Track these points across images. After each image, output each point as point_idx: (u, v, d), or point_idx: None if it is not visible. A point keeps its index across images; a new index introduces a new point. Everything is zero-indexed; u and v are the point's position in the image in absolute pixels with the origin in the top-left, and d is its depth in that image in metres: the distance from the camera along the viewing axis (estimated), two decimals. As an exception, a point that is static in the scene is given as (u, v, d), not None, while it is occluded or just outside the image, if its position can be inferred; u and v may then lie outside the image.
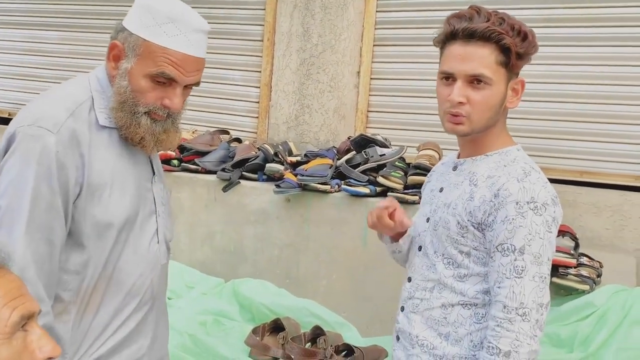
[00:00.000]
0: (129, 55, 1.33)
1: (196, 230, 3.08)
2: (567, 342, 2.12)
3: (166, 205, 1.52)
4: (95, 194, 1.32)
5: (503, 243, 1.30)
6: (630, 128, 2.73)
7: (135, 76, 1.33)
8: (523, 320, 1.27)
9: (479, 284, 1.36)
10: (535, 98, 2.86)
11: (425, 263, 1.45)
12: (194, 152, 3.18)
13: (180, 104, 1.37)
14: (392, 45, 3.19)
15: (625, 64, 2.73)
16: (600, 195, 2.72)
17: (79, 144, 1.30)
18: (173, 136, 1.42)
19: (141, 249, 1.41)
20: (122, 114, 1.34)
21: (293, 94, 3.37)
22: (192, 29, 1.34)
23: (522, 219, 1.29)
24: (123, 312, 1.41)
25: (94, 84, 1.39)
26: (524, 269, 1.28)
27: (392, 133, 3.15)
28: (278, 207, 2.88)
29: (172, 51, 1.32)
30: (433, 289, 1.42)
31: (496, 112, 1.36)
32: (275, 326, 2.51)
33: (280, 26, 3.38)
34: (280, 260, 2.88)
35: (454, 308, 1.39)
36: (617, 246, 2.67)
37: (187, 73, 1.34)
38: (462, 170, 1.42)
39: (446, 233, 1.39)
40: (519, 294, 1.27)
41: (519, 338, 1.26)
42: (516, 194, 1.30)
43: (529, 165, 1.35)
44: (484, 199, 1.33)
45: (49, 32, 4.04)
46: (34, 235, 1.25)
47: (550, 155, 2.87)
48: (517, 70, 1.38)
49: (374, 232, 2.64)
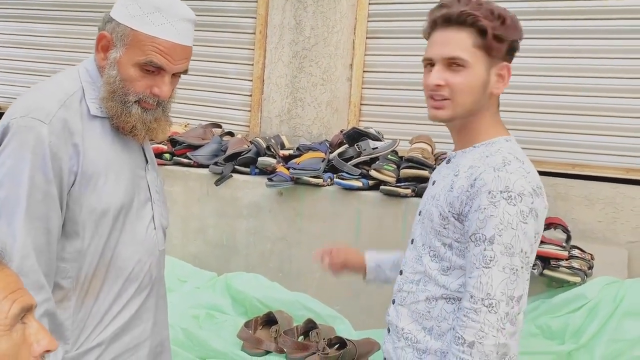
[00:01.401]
0: (118, 45, 1.36)
1: (189, 224, 3.07)
2: (559, 334, 2.13)
3: (160, 193, 1.55)
4: (89, 182, 1.35)
5: (475, 233, 1.28)
6: (622, 121, 2.73)
7: (124, 65, 1.36)
8: (489, 311, 1.24)
9: (462, 277, 1.34)
10: (527, 91, 2.85)
11: (414, 255, 1.45)
12: (186, 146, 3.16)
13: (169, 91, 1.40)
14: (385, 37, 3.18)
15: (617, 57, 2.73)
16: (592, 187, 2.72)
17: (72, 134, 1.33)
18: (164, 125, 1.44)
19: (138, 235, 1.45)
20: (113, 104, 1.37)
21: (285, 87, 3.35)
22: (178, 18, 1.36)
23: (494, 208, 1.26)
24: (122, 297, 1.44)
25: (84, 75, 1.41)
26: (492, 259, 1.25)
27: (384, 126, 3.14)
28: (270, 201, 2.87)
29: (159, 40, 1.34)
30: (419, 281, 1.42)
31: (478, 97, 1.35)
32: (268, 319, 2.51)
33: (272, 19, 3.36)
34: (272, 253, 2.88)
35: (438, 302, 1.38)
36: (609, 238, 2.68)
37: (174, 61, 1.37)
38: (453, 163, 1.42)
39: (430, 225, 1.40)
40: (485, 285, 1.25)
41: (483, 329, 1.24)
42: (490, 183, 1.28)
43: (512, 155, 1.32)
44: (462, 189, 1.33)
45: (41, 25, 4.00)
46: (32, 225, 1.28)
47: (542, 147, 2.87)
48: (498, 54, 1.36)
49: (367, 224, 2.67)
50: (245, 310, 2.67)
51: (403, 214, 2.61)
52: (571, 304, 2.17)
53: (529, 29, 2.83)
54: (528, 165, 1.33)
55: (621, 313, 2.08)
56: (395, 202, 2.63)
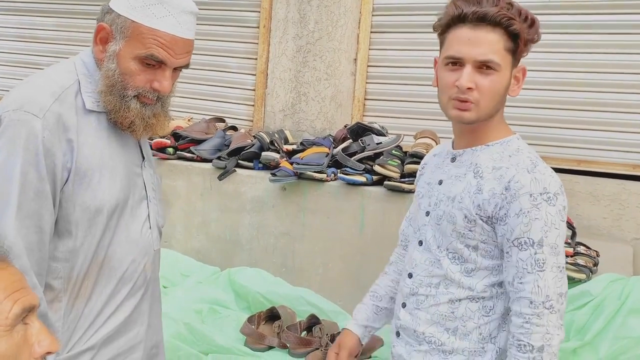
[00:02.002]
0: (117, 37, 1.31)
1: (192, 219, 3.06)
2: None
3: (157, 190, 1.50)
4: (83, 179, 1.30)
5: (520, 237, 1.28)
6: (628, 117, 2.71)
7: (124, 58, 1.31)
8: (551, 312, 1.26)
9: (487, 277, 1.35)
10: (533, 86, 2.83)
11: (428, 258, 1.42)
12: (190, 140, 3.15)
13: (170, 86, 1.35)
14: (389, 32, 3.16)
15: (623, 52, 2.71)
16: (597, 184, 2.71)
17: (66, 129, 1.28)
18: (163, 121, 1.39)
19: (133, 235, 1.40)
20: (111, 98, 1.32)
21: (289, 82, 3.34)
22: (181, 10, 1.31)
23: (537, 211, 1.27)
24: (115, 298, 1.39)
25: (80, 67, 1.36)
26: (545, 261, 1.27)
27: (389, 121, 3.13)
28: (274, 196, 2.86)
29: (161, 32, 1.29)
30: (439, 284, 1.39)
31: (501, 100, 1.35)
32: (271, 315, 2.50)
33: (276, 13, 3.34)
34: (276, 248, 2.87)
35: (462, 302, 1.37)
36: (615, 235, 2.66)
37: (176, 55, 1.32)
38: (462, 162, 1.39)
39: (452, 227, 1.36)
40: (544, 287, 1.26)
41: (549, 331, 1.26)
42: (528, 185, 1.28)
43: (533, 155, 1.34)
44: (493, 191, 1.31)
45: (45, 19, 3.99)
46: (23, 223, 1.23)
47: (548, 143, 2.85)
48: (521, 57, 1.35)
49: (371, 219, 2.66)
50: (248, 305, 2.67)
51: (407, 210, 2.59)
52: (576, 300, 2.15)
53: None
54: (548, 166, 1.35)
55: (626, 310, 2.06)
56: (399, 198, 2.62)
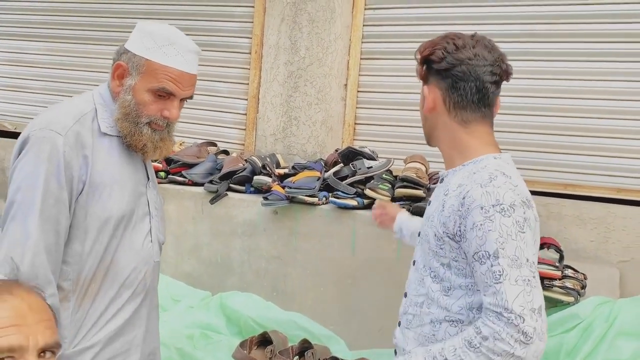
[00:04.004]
0: (133, 73, 1.54)
1: (183, 243, 3.06)
2: (553, 354, 2.13)
3: (159, 209, 1.70)
4: (95, 192, 1.49)
5: (477, 251, 1.28)
6: (613, 142, 2.78)
7: (139, 91, 1.53)
8: (508, 323, 1.21)
9: (462, 297, 1.36)
10: (520, 112, 2.90)
11: (417, 277, 1.47)
12: (181, 164, 3.17)
13: (178, 114, 1.58)
14: (379, 58, 3.22)
15: (609, 79, 2.78)
16: (584, 207, 2.76)
17: (83, 146, 1.48)
18: (168, 144, 1.62)
19: (136, 245, 1.58)
20: (127, 124, 1.54)
21: (280, 106, 3.38)
22: (187, 50, 1.55)
23: (491, 222, 1.26)
24: (117, 301, 1.56)
25: (98, 98, 1.59)
26: (502, 273, 1.23)
27: (379, 145, 3.17)
28: (266, 220, 2.88)
29: (171, 69, 1.53)
30: (423, 304, 1.43)
31: (427, 120, 1.51)
32: (263, 340, 2.50)
33: (267, 39, 3.40)
34: (267, 272, 2.88)
35: (442, 325, 1.39)
36: (601, 258, 2.70)
37: (183, 88, 1.56)
38: (445, 183, 1.45)
39: (427, 246, 1.42)
40: (501, 300, 1.22)
41: (501, 335, 1.21)
42: (480, 199, 1.28)
43: (498, 171, 1.33)
44: (452, 208, 1.34)
45: (35, 43, 4.02)
46: (44, 226, 1.41)
47: (535, 167, 2.90)
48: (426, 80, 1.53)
49: (363, 243, 2.69)
50: (240, 330, 2.66)
51: (398, 234, 2.62)
52: (565, 323, 2.18)
53: (520, 51, 2.89)
54: (515, 179, 1.34)
55: (614, 333, 2.09)
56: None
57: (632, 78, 2.73)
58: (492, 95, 1.42)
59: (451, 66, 1.40)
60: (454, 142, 1.44)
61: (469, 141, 1.42)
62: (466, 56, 1.39)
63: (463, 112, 1.42)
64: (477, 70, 1.39)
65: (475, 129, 1.42)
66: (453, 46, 1.40)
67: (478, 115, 1.42)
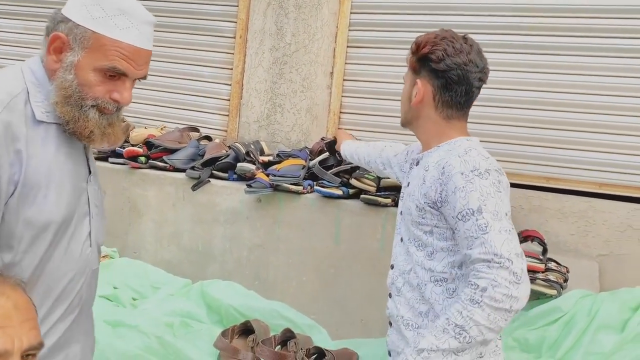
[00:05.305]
0: (75, 47, 1.26)
1: (163, 229, 3.01)
2: (536, 347, 2.15)
3: (100, 207, 1.45)
4: (30, 193, 1.24)
5: (461, 210, 1.41)
6: (595, 136, 2.80)
7: (83, 69, 1.26)
8: (500, 267, 1.33)
9: (445, 258, 1.50)
10: (503, 104, 2.90)
11: (402, 249, 1.62)
12: (162, 149, 3.10)
13: (130, 97, 1.32)
14: (365, 47, 3.19)
15: (592, 74, 2.79)
16: (566, 201, 2.78)
17: (15, 139, 1.21)
18: (118, 129, 1.37)
19: (74, 252, 1.34)
20: (69, 108, 1.27)
21: (265, 93, 3.33)
22: (142, 21, 1.29)
23: (471, 184, 1.41)
24: (50, 318, 1.33)
25: (28, 75, 1.30)
26: (487, 224, 1.37)
27: (364, 135, 3.15)
28: (249, 207, 2.84)
29: (124, 44, 1.26)
30: (410, 271, 1.57)
31: (409, 108, 1.65)
32: (245, 329, 2.48)
33: (253, 24, 3.33)
34: (249, 261, 2.85)
35: (427, 286, 1.52)
36: (581, 251, 2.73)
37: (137, 66, 1.30)
38: (422, 164, 1.60)
39: (410, 218, 1.57)
40: (490, 247, 1.35)
41: (497, 280, 1.33)
42: (459, 166, 1.44)
43: (471, 148, 1.50)
44: (433, 178, 1.50)
45: (13, 21, 3.88)
46: None
47: (517, 160, 2.91)
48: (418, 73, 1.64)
49: (347, 232, 2.68)
50: (221, 319, 2.63)
51: (383, 223, 2.61)
52: (547, 316, 2.20)
53: (504, 43, 2.88)
54: (486, 154, 1.51)
55: (596, 326, 2.12)
56: (375, 211, 2.63)
57: (615, 73, 2.75)
58: (474, 97, 1.60)
59: (448, 69, 1.53)
60: (433, 132, 1.60)
61: (448, 132, 1.59)
62: (463, 61, 1.53)
63: (449, 109, 1.58)
64: (469, 76, 1.54)
65: (455, 124, 1.59)
66: (452, 49, 1.53)
67: (460, 114, 1.59)
